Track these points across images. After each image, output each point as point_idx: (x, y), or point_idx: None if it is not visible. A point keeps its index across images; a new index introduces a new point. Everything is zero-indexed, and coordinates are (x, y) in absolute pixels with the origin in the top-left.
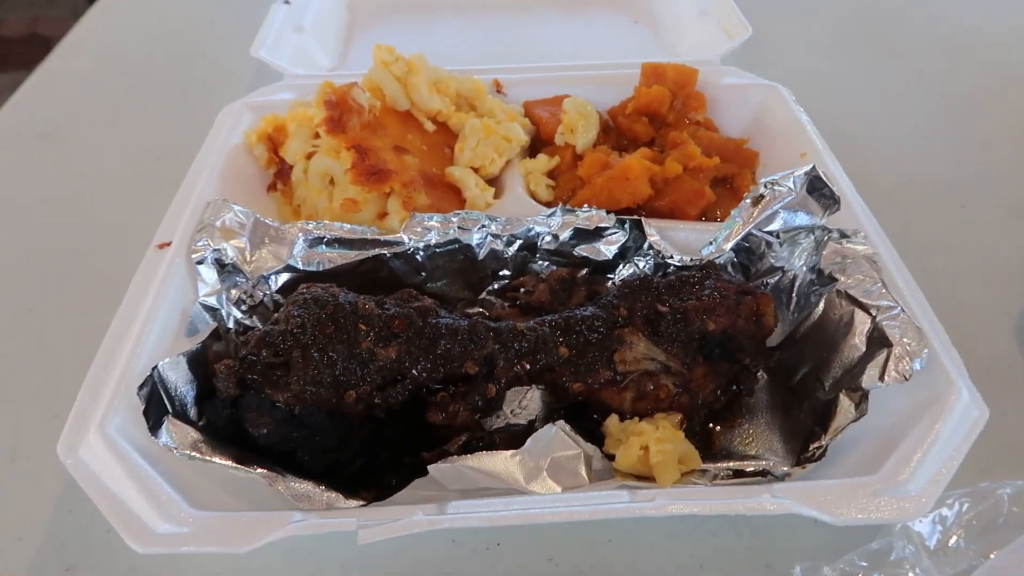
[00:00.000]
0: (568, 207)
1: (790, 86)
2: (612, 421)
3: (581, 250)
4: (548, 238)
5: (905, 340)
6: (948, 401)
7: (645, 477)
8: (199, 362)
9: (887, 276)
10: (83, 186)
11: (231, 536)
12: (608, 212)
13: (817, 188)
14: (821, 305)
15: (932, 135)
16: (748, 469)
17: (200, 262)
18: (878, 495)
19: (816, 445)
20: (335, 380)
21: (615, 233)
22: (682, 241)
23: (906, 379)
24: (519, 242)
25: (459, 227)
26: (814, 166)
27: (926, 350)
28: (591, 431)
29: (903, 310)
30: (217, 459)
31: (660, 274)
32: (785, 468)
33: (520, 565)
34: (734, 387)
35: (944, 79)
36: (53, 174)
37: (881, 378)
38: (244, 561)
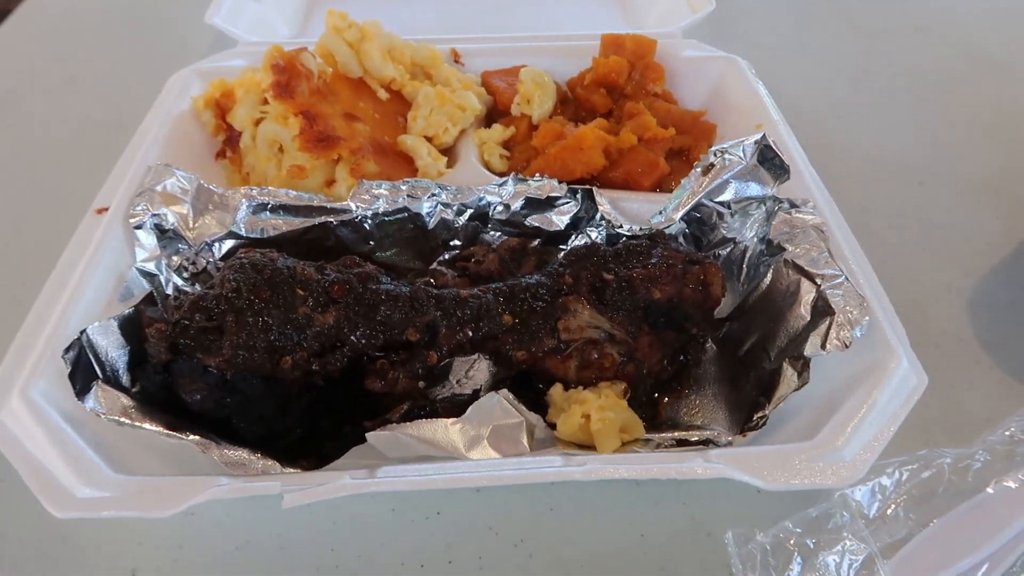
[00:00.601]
0: (520, 176)
1: (754, 60)
2: (556, 390)
3: (533, 220)
4: (499, 208)
5: (848, 308)
6: (887, 368)
7: (587, 446)
8: (133, 327)
9: (834, 245)
10: (29, 154)
11: (153, 500)
12: (561, 182)
13: (768, 157)
14: (769, 275)
15: (895, 112)
16: (692, 439)
17: (138, 227)
18: (812, 461)
19: (760, 415)
20: (270, 345)
21: (567, 203)
22: (634, 211)
23: (846, 347)
24: (470, 211)
25: (408, 195)
26: (764, 135)
27: (867, 318)
28: (536, 401)
29: (847, 278)
30: (147, 425)
31: (611, 244)
32: (728, 438)
33: (460, 534)
34: (682, 357)
35: (909, 57)
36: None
37: (823, 346)
38: (177, 529)
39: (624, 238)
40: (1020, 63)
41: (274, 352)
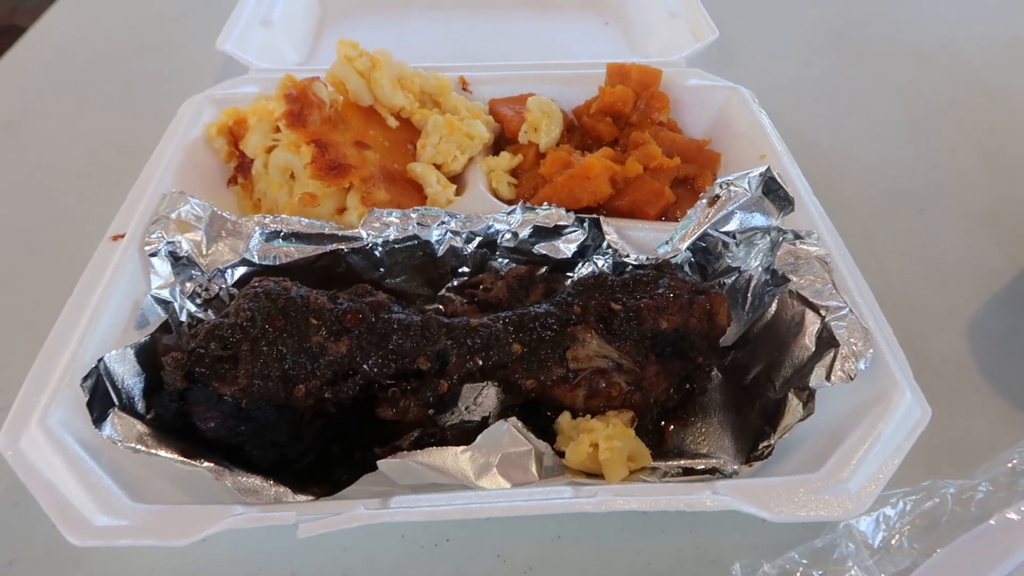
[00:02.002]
0: (528, 205)
1: (756, 89)
2: (564, 418)
3: (540, 248)
4: (508, 235)
5: (852, 340)
6: (891, 401)
7: (595, 475)
8: (148, 354)
9: (838, 277)
10: (41, 177)
11: (170, 529)
12: (568, 211)
13: (772, 189)
14: (774, 305)
15: (895, 140)
16: (699, 467)
17: (153, 254)
18: (818, 493)
19: (765, 444)
20: (284, 374)
21: (574, 231)
22: (640, 240)
23: (851, 379)
24: (478, 239)
25: (418, 223)
26: (769, 167)
27: (871, 350)
28: (545, 429)
29: (851, 310)
30: (162, 452)
31: (617, 273)
32: (734, 466)
33: (469, 561)
34: (688, 385)
35: (909, 85)
36: (10, 164)
37: (828, 378)
38: (190, 556)
39: (631, 267)
40: (1020, 90)
41: (288, 380)
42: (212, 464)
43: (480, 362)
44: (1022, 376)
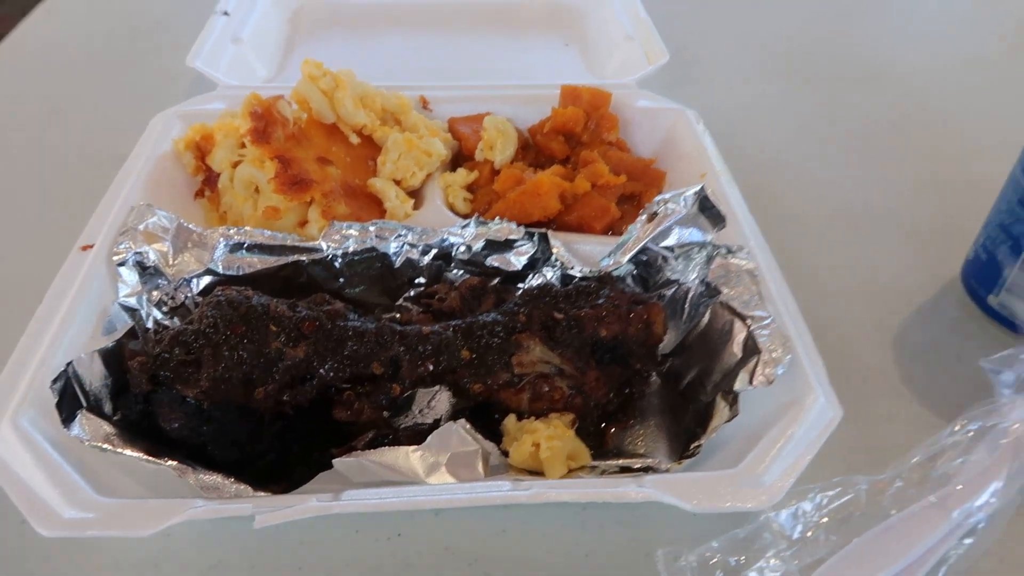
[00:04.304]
0: (481, 219)
1: (707, 110)
2: (510, 420)
3: (492, 260)
4: (462, 248)
5: (772, 347)
6: (805, 402)
7: (537, 472)
8: (115, 359)
9: (764, 288)
10: (7, 188)
11: (134, 521)
12: (519, 225)
13: (706, 207)
14: (707, 315)
15: (837, 161)
16: (635, 466)
17: (121, 264)
18: (735, 486)
19: (695, 444)
20: (245, 377)
21: (524, 245)
22: (586, 254)
23: (770, 382)
24: (434, 251)
25: (376, 236)
26: (703, 186)
27: (789, 356)
28: (493, 430)
29: (774, 320)
30: (128, 451)
31: (564, 284)
32: (667, 466)
33: (418, 553)
34: (627, 390)
35: (854, 107)
36: None
37: (751, 381)
38: (153, 549)
39: (576, 279)
40: (957, 114)
41: (248, 384)
42: (176, 463)
43: (431, 367)
44: (939, 384)
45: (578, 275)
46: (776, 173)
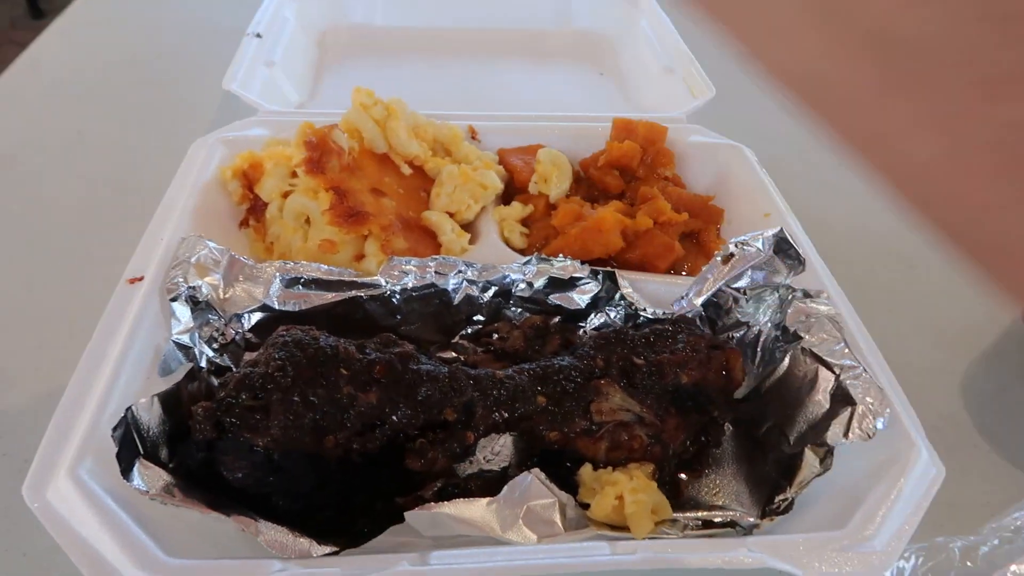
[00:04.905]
0: (543, 256)
1: (751, 145)
2: (586, 470)
3: (554, 298)
4: (523, 285)
5: (868, 399)
6: (909, 459)
7: (618, 527)
8: (173, 402)
9: (849, 336)
10: (39, 215)
11: None
12: (582, 262)
13: (783, 249)
14: (786, 361)
15: (882, 198)
16: (716, 519)
17: (174, 299)
18: (846, 550)
19: (782, 497)
20: (315, 424)
21: (588, 283)
22: (652, 293)
23: (870, 437)
24: (494, 288)
25: (436, 272)
26: (781, 228)
27: (888, 410)
28: (563, 479)
29: (865, 370)
30: (191, 505)
31: (630, 324)
32: (751, 519)
33: None
34: (702, 438)
35: None
36: (7, 197)
37: (845, 435)
38: None
39: (645, 320)
40: None
41: (319, 431)
42: (239, 516)
43: (506, 414)
44: (1015, 432)
45: (648, 316)
46: (821, 212)
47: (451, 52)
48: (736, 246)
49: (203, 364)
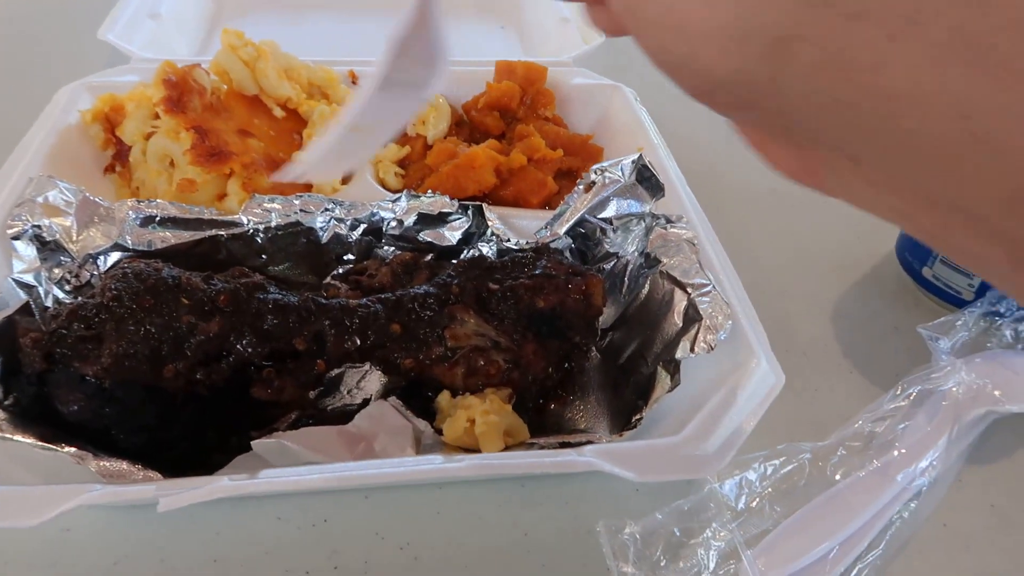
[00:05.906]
0: (413, 192)
1: (642, 89)
2: (443, 397)
3: (425, 235)
4: (393, 223)
5: (714, 314)
6: (748, 368)
7: (473, 450)
8: (5, 337)
9: (703, 257)
10: None
11: (20, 509)
12: (453, 199)
13: (645, 176)
14: (647, 286)
15: None
16: (575, 441)
17: (16, 237)
18: (678, 454)
19: (637, 417)
20: (152, 353)
21: (459, 219)
22: (523, 227)
23: (711, 348)
24: (363, 226)
25: (301, 210)
26: (641, 155)
27: (729, 322)
28: (426, 409)
29: (715, 287)
30: (19, 437)
31: (500, 257)
32: (606, 440)
33: (346, 540)
34: (566, 365)
35: None
36: None
37: (692, 349)
38: (49, 544)
39: (509, 250)
40: None
41: (157, 361)
42: (75, 448)
43: (358, 341)
44: (878, 354)
45: (514, 248)
46: (711, 153)
47: (352, 7)
48: (597, 173)
49: (49, 304)
